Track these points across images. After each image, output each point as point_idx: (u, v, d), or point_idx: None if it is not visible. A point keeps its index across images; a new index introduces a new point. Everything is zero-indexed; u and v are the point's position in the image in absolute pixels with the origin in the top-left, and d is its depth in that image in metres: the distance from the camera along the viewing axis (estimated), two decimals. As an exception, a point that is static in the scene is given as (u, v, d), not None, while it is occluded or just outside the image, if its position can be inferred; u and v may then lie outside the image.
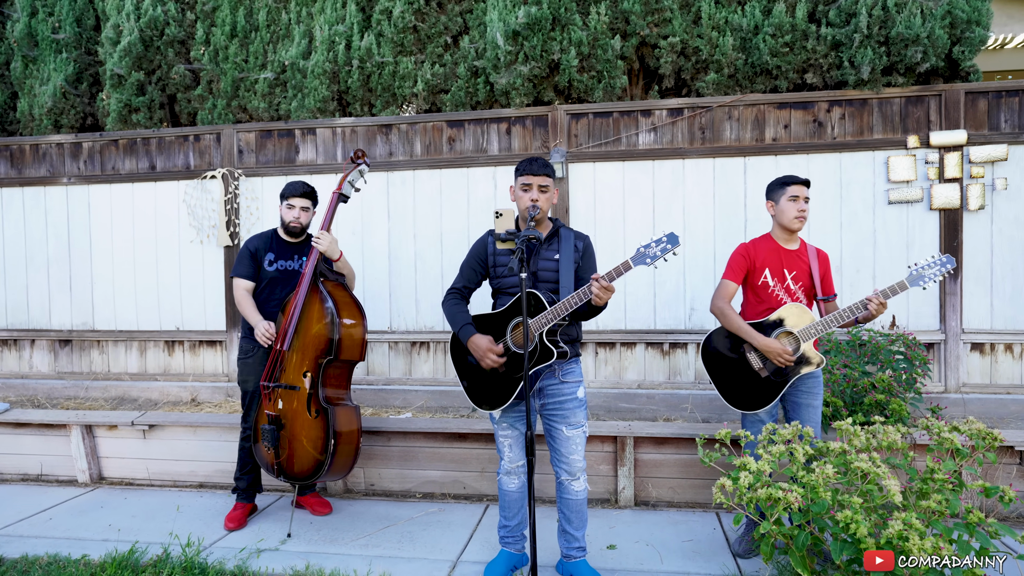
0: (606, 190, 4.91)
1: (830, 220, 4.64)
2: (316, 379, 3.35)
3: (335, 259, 3.52)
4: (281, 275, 3.66)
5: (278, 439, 3.37)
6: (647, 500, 3.89)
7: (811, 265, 3.19)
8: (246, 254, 3.64)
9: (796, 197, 3.13)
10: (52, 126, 5.80)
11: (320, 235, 3.45)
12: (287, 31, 5.45)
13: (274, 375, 3.41)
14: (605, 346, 4.96)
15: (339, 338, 3.33)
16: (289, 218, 3.63)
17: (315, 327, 3.38)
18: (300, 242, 3.75)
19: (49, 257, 5.70)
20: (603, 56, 4.81)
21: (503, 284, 2.83)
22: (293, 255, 3.71)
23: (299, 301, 3.40)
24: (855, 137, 4.63)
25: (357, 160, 3.61)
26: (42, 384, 5.67)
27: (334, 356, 3.33)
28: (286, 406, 3.40)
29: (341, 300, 3.42)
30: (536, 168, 2.77)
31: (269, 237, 3.72)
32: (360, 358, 3.47)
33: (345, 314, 3.39)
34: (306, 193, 3.66)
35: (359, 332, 3.44)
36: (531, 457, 2.40)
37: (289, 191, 3.64)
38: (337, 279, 3.50)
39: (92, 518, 3.79)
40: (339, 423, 3.33)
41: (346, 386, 3.52)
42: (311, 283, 3.43)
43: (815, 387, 3.16)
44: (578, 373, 2.89)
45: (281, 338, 3.39)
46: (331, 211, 3.54)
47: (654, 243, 2.52)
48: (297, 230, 3.67)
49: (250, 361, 3.61)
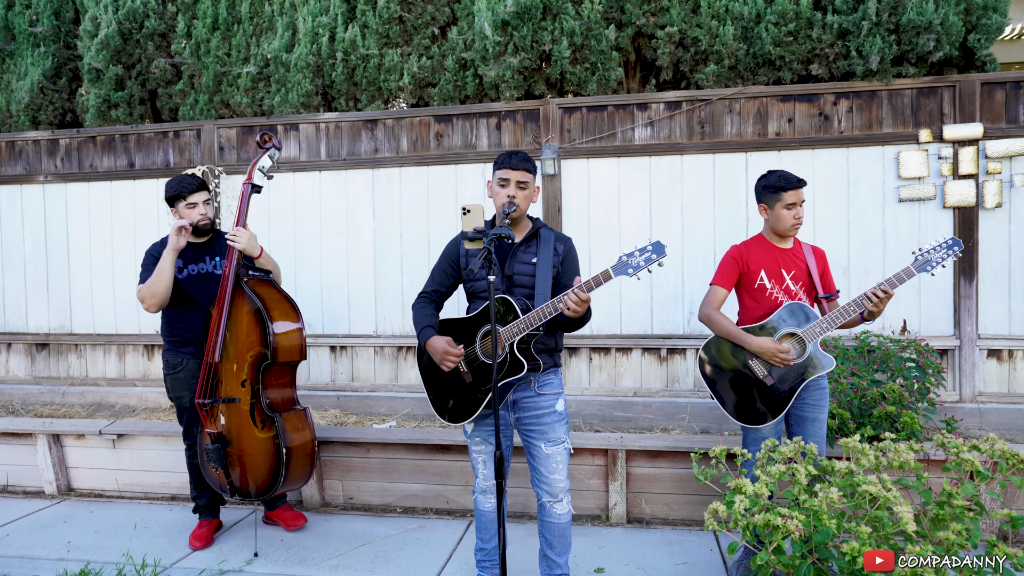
0: (600, 188, 4.67)
1: (837, 219, 4.39)
2: (256, 387, 3.13)
3: (256, 256, 3.23)
4: (197, 280, 3.35)
5: (225, 457, 3.15)
6: (640, 517, 3.65)
7: (808, 263, 2.95)
8: (150, 261, 3.29)
9: (792, 204, 2.89)
10: (30, 122, 5.62)
11: (236, 231, 3.15)
12: (270, 23, 5.24)
13: (208, 390, 3.18)
14: (599, 352, 4.72)
15: (274, 340, 3.10)
16: (196, 217, 3.28)
17: (245, 332, 3.15)
18: (208, 240, 3.43)
19: (26, 258, 5.51)
20: (597, 47, 4.57)
21: (476, 288, 2.61)
22: (204, 257, 3.39)
23: (224, 307, 3.16)
24: (863, 131, 4.37)
25: (265, 144, 3.28)
26: (18, 389, 5.48)
27: (271, 360, 3.10)
28: (229, 420, 3.17)
29: (270, 298, 3.18)
30: (515, 162, 2.54)
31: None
32: (301, 357, 3.24)
33: (277, 313, 3.15)
34: (201, 184, 3.34)
35: (295, 330, 3.20)
36: (500, 480, 2.17)
37: (185, 188, 3.28)
38: (262, 276, 3.26)
39: (52, 534, 3.59)
40: (289, 429, 3.12)
41: (291, 387, 3.30)
42: (234, 285, 3.18)
43: (821, 399, 2.92)
44: (557, 384, 2.66)
45: (211, 350, 3.16)
46: (244, 204, 3.24)
47: (638, 252, 2.28)
48: (208, 226, 3.35)
49: (180, 375, 3.33)
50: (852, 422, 3.30)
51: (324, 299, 5.05)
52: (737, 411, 2.88)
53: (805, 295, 2.95)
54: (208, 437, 3.17)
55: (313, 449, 3.27)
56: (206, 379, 3.17)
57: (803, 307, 2.86)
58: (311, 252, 5.05)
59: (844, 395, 3.46)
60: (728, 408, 2.90)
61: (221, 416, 3.19)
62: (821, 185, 4.39)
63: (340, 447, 3.92)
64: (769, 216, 2.96)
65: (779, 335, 2.83)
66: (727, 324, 2.88)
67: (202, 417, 3.19)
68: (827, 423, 3.32)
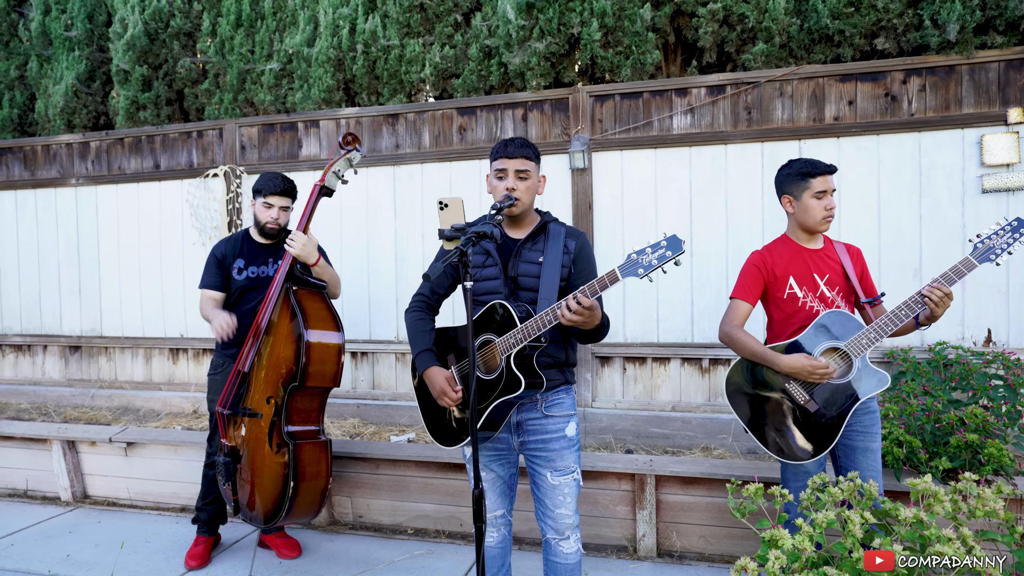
0: (635, 182, 4.27)
1: (907, 214, 3.85)
2: (280, 407, 2.88)
3: (312, 263, 2.99)
4: (253, 283, 3.17)
5: (234, 472, 2.93)
6: (671, 550, 3.24)
7: (844, 263, 2.49)
8: (212, 262, 3.18)
9: (823, 193, 2.44)
10: (65, 126, 5.65)
11: (295, 236, 2.92)
12: (293, 18, 5.08)
13: (231, 400, 2.97)
14: (634, 361, 4.32)
15: (306, 360, 2.83)
16: (266, 218, 3.14)
17: (280, 346, 2.91)
18: (276, 244, 3.26)
19: (60, 261, 5.54)
20: (631, 28, 4.18)
21: (476, 290, 2.28)
22: (268, 259, 3.22)
23: (265, 314, 2.94)
24: (939, 112, 3.81)
25: (347, 146, 3.02)
26: (52, 391, 5.51)
27: (299, 383, 2.85)
28: (248, 435, 2.94)
29: (314, 313, 2.92)
30: (512, 149, 2.21)
31: (239, 240, 3.24)
32: (334, 384, 2.96)
33: (316, 330, 2.89)
34: (286, 190, 3.16)
35: (332, 353, 2.93)
36: (479, 524, 1.83)
37: (267, 187, 3.12)
38: (314, 288, 3.01)
39: (54, 545, 3.48)
40: (302, 462, 2.85)
41: (317, 418, 3.02)
42: (281, 293, 2.96)
43: (871, 425, 2.46)
44: (568, 405, 2.30)
45: (242, 357, 2.94)
46: (310, 207, 3.01)
47: (650, 248, 1.90)
48: (274, 232, 3.19)
49: (219, 377, 3.17)
50: (923, 451, 2.80)
51: (344, 303, 4.83)
52: (778, 446, 2.44)
53: (844, 302, 2.49)
54: (222, 447, 2.98)
55: (325, 486, 2.99)
56: (232, 387, 2.97)
57: (844, 315, 2.41)
58: (331, 254, 4.83)
59: (914, 418, 2.95)
60: (769, 445, 2.46)
61: (243, 428, 2.98)
62: (887, 176, 3.86)
63: (349, 462, 3.67)
64: (796, 209, 2.52)
65: (819, 351, 2.39)
66: (751, 343, 2.45)
67: (220, 426, 3.00)
68: (894, 452, 2.84)
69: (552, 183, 4.37)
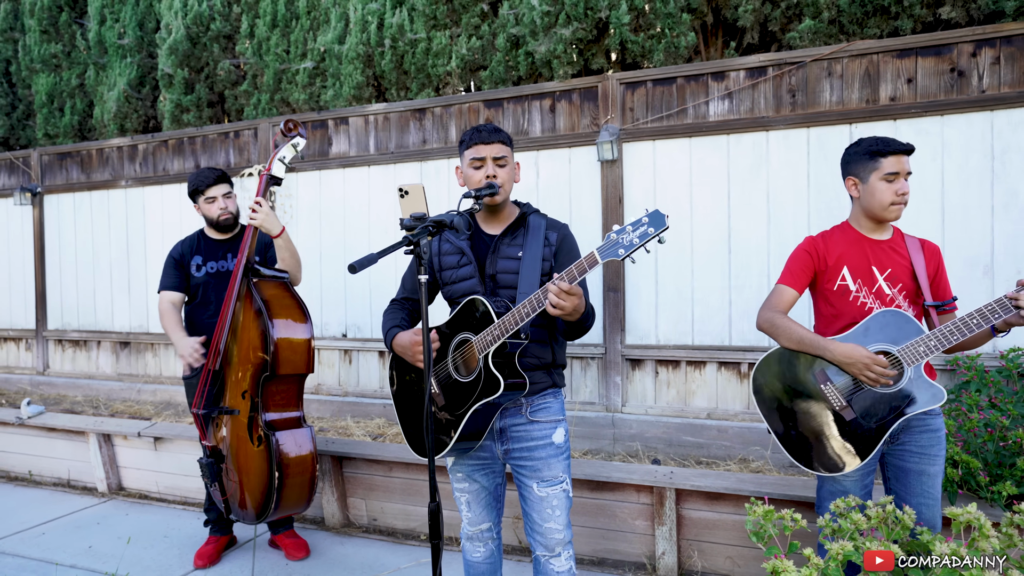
0: (668, 173, 4.01)
1: (977, 203, 3.42)
2: (256, 399, 2.82)
3: (275, 235, 2.91)
4: (214, 279, 3.14)
5: (218, 472, 2.90)
6: (693, 570, 2.97)
7: (913, 260, 2.16)
8: (170, 262, 3.16)
9: (895, 175, 2.13)
10: (118, 130, 5.88)
11: (254, 207, 2.83)
12: (326, 16, 5.08)
13: (205, 400, 2.92)
14: (667, 364, 4.05)
15: (275, 349, 2.76)
16: (215, 212, 3.09)
17: (248, 339, 2.85)
18: (232, 237, 3.21)
19: (112, 259, 5.76)
20: (663, 10, 3.92)
21: (453, 291, 2.13)
22: (226, 254, 3.18)
23: (228, 308, 2.88)
24: (1015, 88, 3.37)
25: (289, 133, 2.94)
26: (104, 385, 5.74)
27: (271, 371, 2.78)
28: (230, 433, 2.91)
29: (276, 301, 2.84)
30: (487, 135, 2.05)
31: (195, 239, 3.22)
32: (307, 370, 2.89)
33: (280, 318, 2.81)
34: (219, 177, 3.12)
35: (301, 340, 2.85)
36: (435, 541, 1.67)
37: (201, 183, 3.07)
38: (275, 276, 2.94)
39: (80, 536, 3.56)
40: (284, 451, 2.79)
41: (295, 404, 2.95)
42: (241, 287, 2.88)
43: (931, 446, 2.13)
44: (556, 410, 2.11)
45: (213, 355, 2.90)
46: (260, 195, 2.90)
47: (631, 226, 1.69)
48: (230, 221, 3.14)
49: (194, 381, 3.11)
50: (983, 473, 2.44)
51: (372, 300, 4.79)
52: (801, 454, 2.17)
53: (908, 303, 2.17)
54: (203, 449, 2.96)
55: (313, 474, 2.93)
56: (205, 387, 2.95)
57: (902, 316, 2.09)
58: (359, 252, 4.80)
59: (974, 435, 2.58)
60: (792, 451, 2.19)
61: (223, 427, 2.96)
62: (952, 161, 3.45)
63: (363, 464, 3.59)
64: (861, 193, 2.22)
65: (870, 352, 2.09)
66: (797, 329, 2.17)
67: (198, 428, 2.98)
68: (948, 473, 2.48)
69: (580, 176, 4.16)
